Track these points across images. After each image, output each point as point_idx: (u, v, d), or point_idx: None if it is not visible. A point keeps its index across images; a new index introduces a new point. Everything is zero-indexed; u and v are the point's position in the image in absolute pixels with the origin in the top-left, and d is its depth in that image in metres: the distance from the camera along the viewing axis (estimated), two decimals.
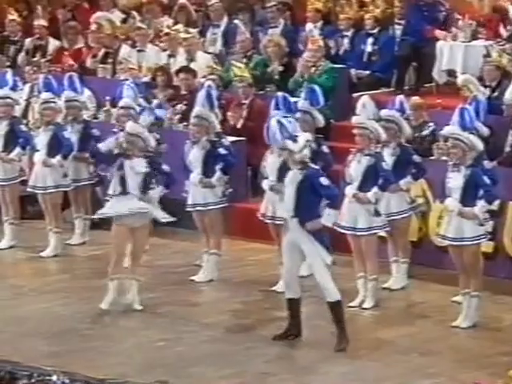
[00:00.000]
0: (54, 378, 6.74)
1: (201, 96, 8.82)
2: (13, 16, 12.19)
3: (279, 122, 7.47)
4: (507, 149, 9.05)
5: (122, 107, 9.12)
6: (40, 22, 12.17)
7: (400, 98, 8.70)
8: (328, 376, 6.98)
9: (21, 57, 12.05)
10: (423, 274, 8.59)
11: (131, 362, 7.17)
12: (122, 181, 7.98)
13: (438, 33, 10.85)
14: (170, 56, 11.26)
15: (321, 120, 8.80)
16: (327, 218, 7.33)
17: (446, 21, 11.11)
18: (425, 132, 9.21)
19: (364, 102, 8.29)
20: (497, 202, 8.04)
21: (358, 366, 7.11)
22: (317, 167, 7.49)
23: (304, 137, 7.43)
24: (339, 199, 7.55)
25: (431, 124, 9.25)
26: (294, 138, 7.36)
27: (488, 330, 7.63)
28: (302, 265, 7.48)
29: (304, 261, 7.41)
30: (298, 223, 7.27)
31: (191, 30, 11.38)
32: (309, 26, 11.43)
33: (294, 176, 7.33)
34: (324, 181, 7.34)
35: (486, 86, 9.69)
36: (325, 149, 8.76)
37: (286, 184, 7.37)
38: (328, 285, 7.26)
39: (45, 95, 9.47)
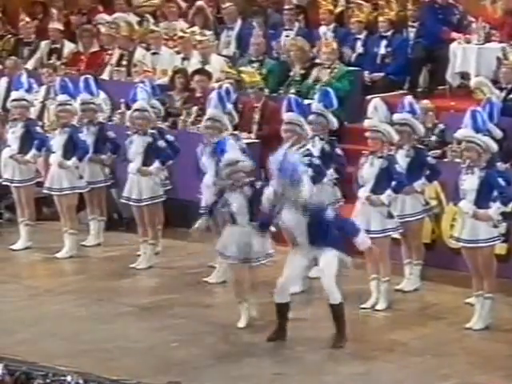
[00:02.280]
0: (69, 378, 6.78)
1: (213, 98, 8.86)
2: (26, 18, 12.25)
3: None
4: None
5: (136, 109, 9.18)
6: (55, 25, 12.24)
7: (408, 99, 8.71)
8: (341, 377, 7.00)
9: (34, 59, 12.13)
10: (436, 275, 8.58)
11: (145, 362, 7.20)
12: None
13: (455, 34, 10.85)
14: (183, 59, 11.31)
15: (334, 122, 8.83)
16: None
17: (459, 23, 11.12)
18: (433, 137, 9.21)
19: (375, 105, 8.30)
20: (511, 204, 8.03)
21: (371, 368, 7.12)
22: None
23: (309, 186, 7.27)
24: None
25: (441, 125, 9.25)
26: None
27: (502, 331, 7.62)
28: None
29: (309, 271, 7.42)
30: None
31: (207, 32, 11.44)
32: (322, 29, 11.47)
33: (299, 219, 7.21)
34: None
35: (501, 89, 9.67)
36: (338, 151, 8.80)
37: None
38: (332, 288, 7.31)
39: (61, 97, 9.52)
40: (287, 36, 11.38)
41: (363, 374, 7.03)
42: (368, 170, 8.16)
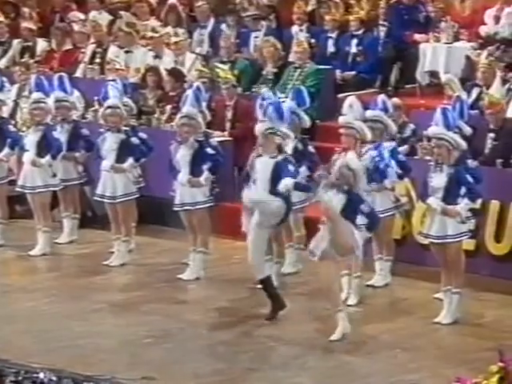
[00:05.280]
0: (41, 375, 6.78)
1: (190, 96, 8.90)
2: (0, 18, 12.25)
3: None
4: (487, 150, 9.18)
5: (108, 107, 9.21)
6: (26, 23, 12.22)
7: (382, 97, 8.81)
8: (313, 371, 7.07)
9: (6, 58, 12.11)
10: (406, 271, 8.68)
11: (118, 358, 7.23)
12: None
13: (419, 37, 10.98)
14: (155, 57, 11.34)
15: (307, 120, 8.92)
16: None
17: (427, 23, 11.24)
18: (406, 134, 9.33)
19: (351, 103, 8.39)
20: (479, 201, 8.15)
21: (342, 362, 7.20)
22: None
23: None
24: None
25: (411, 125, 9.38)
26: None
27: (470, 326, 7.73)
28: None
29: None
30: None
31: (180, 30, 11.47)
32: (294, 28, 11.55)
33: None
34: None
35: (476, 85, 9.77)
36: (310, 149, 8.89)
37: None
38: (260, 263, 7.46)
39: (35, 95, 9.53)
40: (256, 37, 11.45)
41: (334, 368, 7.11)
42: None
